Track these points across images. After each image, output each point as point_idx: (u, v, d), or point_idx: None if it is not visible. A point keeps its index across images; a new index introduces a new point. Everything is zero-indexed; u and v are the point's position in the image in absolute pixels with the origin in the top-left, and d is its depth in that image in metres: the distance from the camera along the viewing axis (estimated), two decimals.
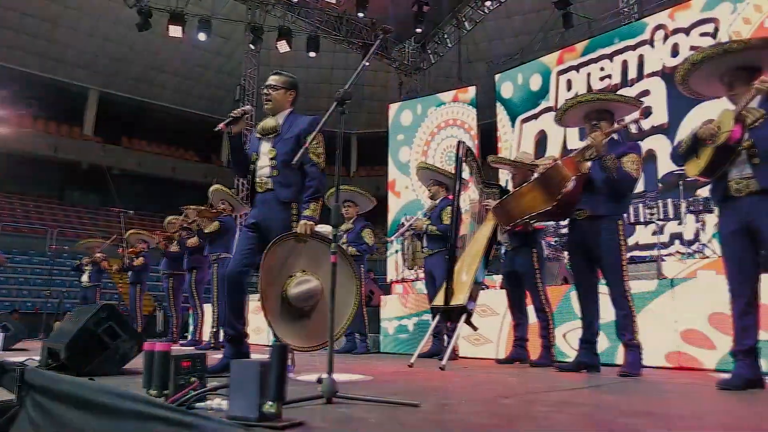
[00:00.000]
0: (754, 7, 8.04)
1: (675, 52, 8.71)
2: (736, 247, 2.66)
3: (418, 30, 13.19)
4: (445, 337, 4.77)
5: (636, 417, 1.85)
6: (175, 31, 12.60)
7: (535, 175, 3.64)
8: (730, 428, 1.71)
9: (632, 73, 9.46)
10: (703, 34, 8.60)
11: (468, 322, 3.78)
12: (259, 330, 6.79)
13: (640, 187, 8.50)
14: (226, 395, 1.65)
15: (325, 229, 3.43)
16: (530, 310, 4.29)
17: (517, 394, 2.36)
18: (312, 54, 13.90)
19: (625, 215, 3.59)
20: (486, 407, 1.98)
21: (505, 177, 8.31)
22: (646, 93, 9.01)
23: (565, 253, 6.22)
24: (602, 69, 9.90)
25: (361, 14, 12.84)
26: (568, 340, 4.41)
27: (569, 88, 10.09)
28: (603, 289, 3.55)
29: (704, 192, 5.99)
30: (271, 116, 3.16)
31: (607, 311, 3.52)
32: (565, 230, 5.28)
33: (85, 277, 8.59)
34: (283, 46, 13.06)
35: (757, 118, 2.57)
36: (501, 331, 4.90)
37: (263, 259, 2.72)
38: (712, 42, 7.46)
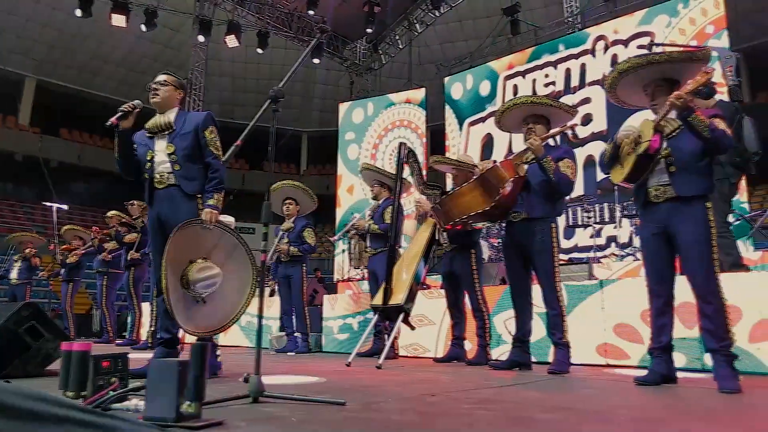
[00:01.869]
0: (678, 30, 8.57)
1: (614, 63, 9.08)
2: (655, 250, 2.81)
3: (369, 30, 13.21)
4: (386, 336, 4.81)
5: (554, 412, 1.93)
6: (117, 20, 12.17)
7: (475, 176, 3.72)
8: (638, 420, 1.81)
9: (575, 81, 9.80)
10: (640, 47, 8.98)
11: (406, 321, 3.83)
12: None
13: (579, 191, 8.82)
14: (145, 395, 1.62)
15: (227, 219, 3.45)
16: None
17: (446, 392, 2.41)
18: (259, 50, 13.68)
19: (558, 218, 3.70)
20: (411, 405, 2.02)
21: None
22: (587, 101, 9.36)
23: None
24: (547, 76, 10.21)
25: (311, 12, 12.76)
26: (507, 326, 4.53)
27: (515, 93, 10.33)
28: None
29: None
30: (160, 114, 3.14)
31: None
32: None
33: (13, 274, 8.13)
34: (232, 41, 12.82)
35: (675, 128, 2.73)
36: (444, 318, 4.97)
37: (169, 243, 2.70)
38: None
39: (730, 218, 5.58)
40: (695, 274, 2.63)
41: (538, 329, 3.86)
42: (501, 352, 4.34)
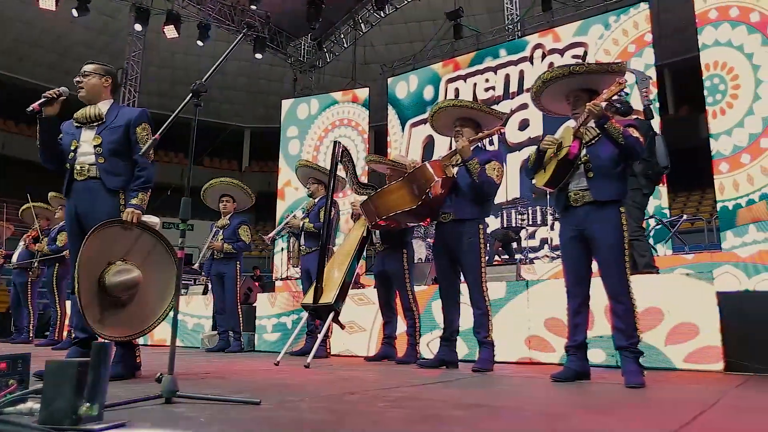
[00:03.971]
0: (603, 51, 9.03)
1: None
2: (573, 252, 2.93)
3: (313, 27, 13.11)
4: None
5: (466, 410, 1.97)
6: (46, 2, 11.54)
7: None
8: (542, 415, 1.88)
9: (513, 87, 10.09)
10: (575, 56, 9.36)
11: (336, 320, 3.83)
12: None
13: (515, 194, 9.08)
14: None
15: (151, 220, 3.34)
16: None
17: (366, 390, 2.43)
18: (199, 42, 13.31)
19: (486, 219, 3.79)
20: (327, 404, 2.02)
21: None
22: (524, 106, 9.65)
23: None
24: (487, 81, 10.46)
25: (254, 6, 12.53)
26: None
27: (457, 96, 10.53)
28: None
29: None
30: (90, 105, 3.02)
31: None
32: None
33: None
34: (170, 32, 12.41)
35: (593, 136, 2.86)
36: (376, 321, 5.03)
37: (85, 243, 2.59)
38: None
39: (652, 222, 5.94)
40: (608, 276, 2.77)
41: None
42: (436, 336, 4.38)
